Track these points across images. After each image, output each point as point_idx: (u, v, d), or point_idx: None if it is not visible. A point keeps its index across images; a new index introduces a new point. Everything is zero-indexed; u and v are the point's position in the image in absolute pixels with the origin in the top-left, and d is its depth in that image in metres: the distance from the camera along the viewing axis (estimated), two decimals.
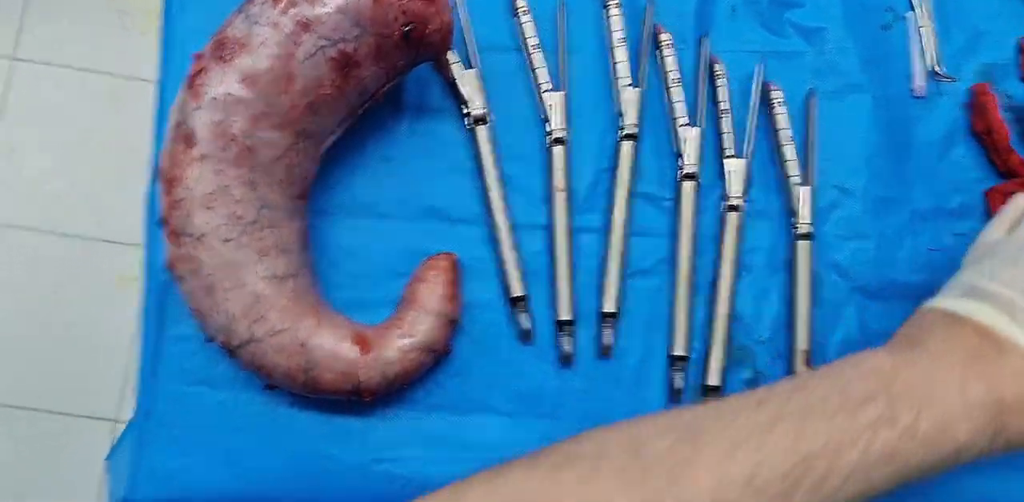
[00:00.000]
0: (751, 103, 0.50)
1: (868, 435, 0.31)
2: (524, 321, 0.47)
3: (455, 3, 0.50)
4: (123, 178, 1.13)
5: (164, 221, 0.40)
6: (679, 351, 0.47)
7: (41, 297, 1.13)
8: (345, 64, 0.40)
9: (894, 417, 0.31)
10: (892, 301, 0.49)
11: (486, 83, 0.49)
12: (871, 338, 0.49)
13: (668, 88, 0.50)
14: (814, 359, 0.48)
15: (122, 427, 0.46)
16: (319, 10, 0.39)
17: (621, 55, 0.50)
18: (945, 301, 0.37)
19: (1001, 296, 0.36)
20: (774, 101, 0.51)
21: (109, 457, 0.47)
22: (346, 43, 0.39)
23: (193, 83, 0.39)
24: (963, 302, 0.36)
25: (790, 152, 0.50)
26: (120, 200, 1.17)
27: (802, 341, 0.48)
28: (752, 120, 0.50)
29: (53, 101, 1.14)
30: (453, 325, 0.45)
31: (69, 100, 1.14)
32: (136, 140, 1.12)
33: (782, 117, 0.50)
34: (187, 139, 0.38)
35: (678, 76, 0.50)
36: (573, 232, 0.48)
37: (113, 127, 1.14)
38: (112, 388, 1.13)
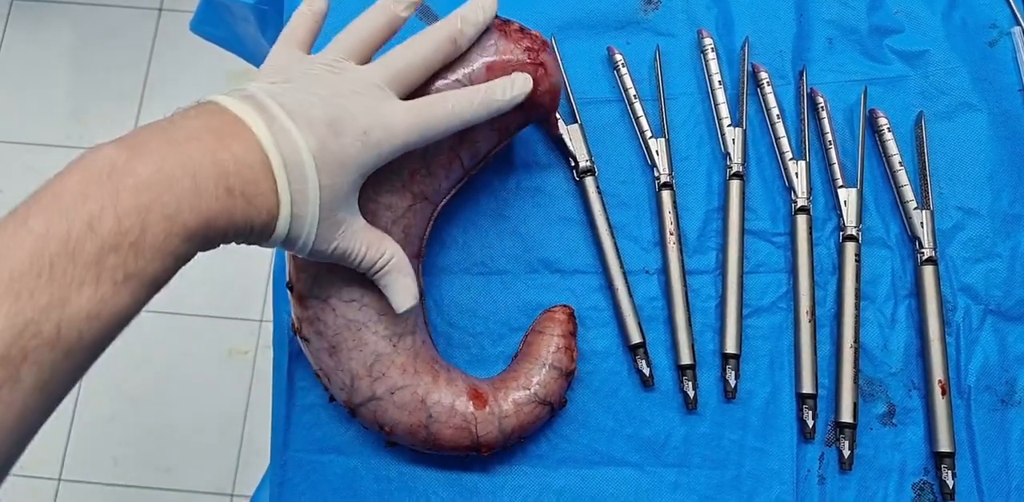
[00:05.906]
0: (858, 131, 0.50)
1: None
2: (644, 368, 0.47)
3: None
4: (229, 255, 1.17)
5: (290, 285, 0.42)
6: (807, 389, 0.46)
7: (155, 372, 1.18)
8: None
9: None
10: None
11: (588, 135, 0.50)
12: (1011, 362, 0.47)
13: (772, 125, 0.50)
14: (952, 388, 0.46)
15: (239, 501, 0.47)
16: (437, 79, 0.40)
17: (721, 97, 0.50)
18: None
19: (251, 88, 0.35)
20: (882, 127, 0.49)
21: None
22: None
23: None
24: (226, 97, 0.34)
25: (903, 177, 0.49)
26: (228, 277, 1.22)
27: (938, 370, 0.46)
28: (861, 148, 0.49)
29: None
30: (569, 377, 0.45)
31: None
32: None
33: (891, 143, 0.49)
34: None
35: (779, 112, 0.50)
36: (687, 275, 0.48)
37: None
38: (227, 463, 1.16)
